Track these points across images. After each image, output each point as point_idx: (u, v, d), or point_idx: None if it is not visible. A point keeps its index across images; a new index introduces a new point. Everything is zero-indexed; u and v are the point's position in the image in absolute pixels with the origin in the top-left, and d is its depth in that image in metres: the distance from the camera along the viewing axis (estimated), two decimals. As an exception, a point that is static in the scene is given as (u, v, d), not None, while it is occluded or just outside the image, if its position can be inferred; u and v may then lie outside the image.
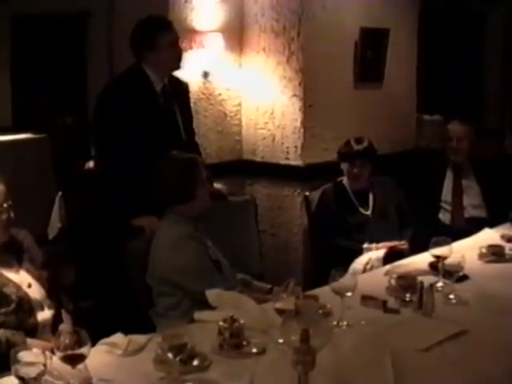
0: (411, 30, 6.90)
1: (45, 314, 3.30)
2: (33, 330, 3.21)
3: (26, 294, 3.25)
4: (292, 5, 5.94)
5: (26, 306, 3.22)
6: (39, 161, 7.11)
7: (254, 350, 2.89)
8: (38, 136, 7.38)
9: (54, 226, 6.08)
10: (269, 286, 3.91)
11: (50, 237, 6.02)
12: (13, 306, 3.17)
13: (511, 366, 2.85)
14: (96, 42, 6.94)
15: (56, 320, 3.31)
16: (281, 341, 2.68)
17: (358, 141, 5.27)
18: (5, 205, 3.29)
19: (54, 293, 3.43)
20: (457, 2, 8.53)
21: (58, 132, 7.60)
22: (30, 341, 3.08)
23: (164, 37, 4.54)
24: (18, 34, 8.32)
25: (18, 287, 3.24)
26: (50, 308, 3.34)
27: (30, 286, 3.30)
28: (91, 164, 5.02)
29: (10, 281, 3.23)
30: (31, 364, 2.35)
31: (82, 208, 5.44)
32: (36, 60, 8.17)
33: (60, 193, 6.15)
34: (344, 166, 5.29)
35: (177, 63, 4.66)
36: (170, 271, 3.68)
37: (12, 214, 3.32)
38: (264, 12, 6.12)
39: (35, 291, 3.32)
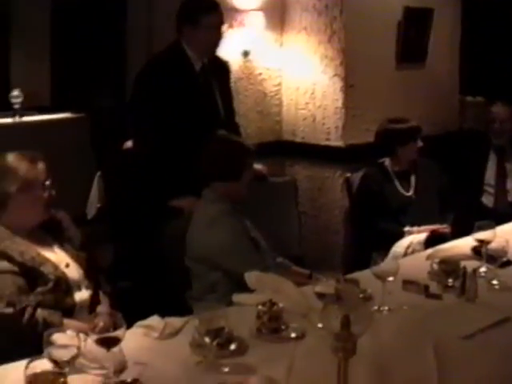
0: (455, 10, 6.79)
1: (82, 295, 3.28)
2: (70, 310, 3.19)
3: (64, 274, 3.23)
4: (335, -17, 5.85)
5: (63, 286, 3.20)
6: (78, 140, 7.09)
7: (293, 335, 2.85)
8: (76, 115, 7.37)
9: (93, 205, 6.06)
10: (308, 272, 3.85)
11: (89, 217, 6.00)
12: (50, 285, 3.14)
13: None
14: (135, 21, 6.89)
15: (93, 301, 3.28)
16: (320, 325, 2.63)
17: (402, 119, 5.19)
18: (47, 182, 3.27)
19: (92, 274, 3.40)
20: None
21: (97, 111, 7.59)
22: (66, 321, 3.06)
23: (208, 17, 4.50)
24: (57, 12, 8.30)
25: (55, 267, 3.21)
26: (87, 289, 3.32)
27: (67, 265, 3.28)
28: (129, 144, 4.98)
29: (47, 260, 3.21)
30: (65, 347, 2.32)
31: (121, 188, 5.42)
32: (75, 39, 8.14)
33: (99, 172, 6.14)
34: (403, 146, 5.15)
35: (213, 47, 4.61)
36: (208, 250, 3.66)
37: (54, 192, 3.30)
38: (306, -10, 6.03)
39: (73, 271, 3.30)
